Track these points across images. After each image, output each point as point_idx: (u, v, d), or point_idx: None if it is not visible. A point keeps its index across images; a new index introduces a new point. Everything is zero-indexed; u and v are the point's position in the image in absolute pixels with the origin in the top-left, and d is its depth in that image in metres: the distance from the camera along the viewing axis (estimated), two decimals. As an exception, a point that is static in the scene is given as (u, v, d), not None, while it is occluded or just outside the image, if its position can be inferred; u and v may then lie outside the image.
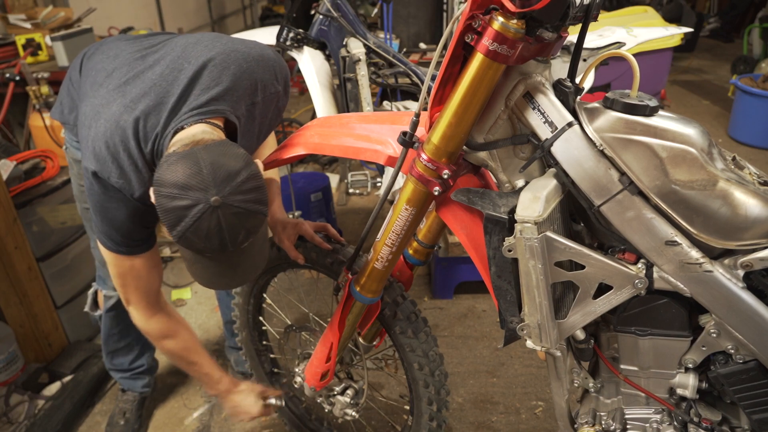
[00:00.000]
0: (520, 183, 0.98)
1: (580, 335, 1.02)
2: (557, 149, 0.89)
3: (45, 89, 2.51)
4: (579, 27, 0.90)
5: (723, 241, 0.84)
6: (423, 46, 3.47)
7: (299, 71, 2.36)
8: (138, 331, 1.41)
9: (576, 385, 1.12)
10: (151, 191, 0.97)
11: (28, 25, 3.10)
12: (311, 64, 2.29)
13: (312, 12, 2.33)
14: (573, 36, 0.99)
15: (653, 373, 1.02)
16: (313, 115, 2.94)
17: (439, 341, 1.72)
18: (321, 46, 2.36)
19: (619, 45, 2.43)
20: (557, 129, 0.89)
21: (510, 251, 0.91)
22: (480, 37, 0.83)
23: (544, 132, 0.90)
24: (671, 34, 3.13)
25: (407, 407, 1.51)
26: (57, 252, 2.16)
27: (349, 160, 3.54)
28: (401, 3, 3.45)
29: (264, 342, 1.81)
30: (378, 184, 3.60)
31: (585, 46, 0.94)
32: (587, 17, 0.86)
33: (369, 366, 1.50)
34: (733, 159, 0.91)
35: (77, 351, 2.17)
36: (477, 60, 0.86)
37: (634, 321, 0.98)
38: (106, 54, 1.31)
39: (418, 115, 1.00)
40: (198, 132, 1.06)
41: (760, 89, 4.02)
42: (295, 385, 1.55)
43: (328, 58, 2.40)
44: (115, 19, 4.32)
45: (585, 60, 2.13)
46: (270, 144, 1.56)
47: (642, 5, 4.79)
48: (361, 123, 1.21)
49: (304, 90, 5.31)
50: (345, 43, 2.27)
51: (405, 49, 3.42)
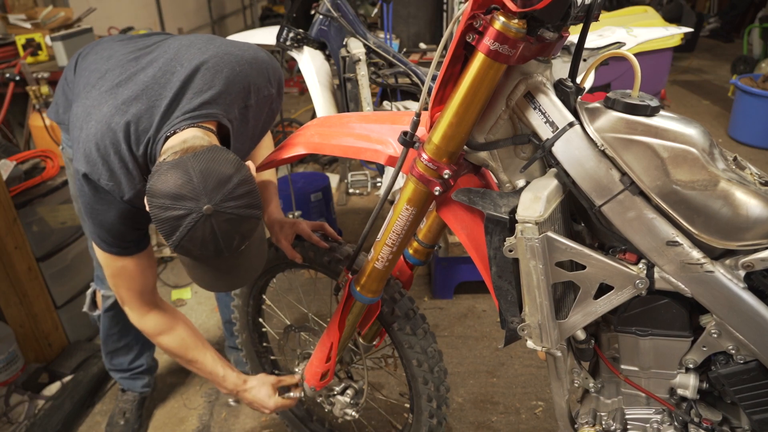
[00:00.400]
0: (520, 183, 0.98)
1: (580, 335, 1.02)
2: (558, 149, 0.89)
3: (45, 89, 2.52)
4: (580, 27, 0.90)
5: (724, 242, 0.84)
6: (423, 46, 3.47)
7: (299, 71, 2.36)
8: (137, 332, 1.41)
9: (576, 385, 1.12)
10: (146, 201, 0.97)
11: (28, 25, 3.10)
12: (311, 64, 2.29)
13: (312, 12, 2.32)
14: (573, 36, 1.00)
15: (654, 374, 1.02)
16: (313, 115, 2.94)
17: (439, 341, 1.72)
18: (321, 46, 2.36)
19: (619, 45, 2.43)
20: (558, 129, 0.88)
21: (511, 251, 0.90)
22: (481, 37, 0.83)
23: (545, 132, 0.90)
24: (671, 34, 3.13)
25: (407, 405, 1.51)
26: (57, 252, 2.16)
27: (349, 160, 3.54)
28: (401, 3, 3.45)
29: (264, 343, 1.81)
30: (378, 184, 3.60)
31: (585, 46, 0.94)
32: (588, 17, 0.86)
33: (369, 365, 1.50)
34: (734, 159, 0.91)
35: (77, 351, 2.17)
36: (478, 60, 0.86)
37: (634, 321, 0.98)
38: (99, 55, 1.31)
39: (418, 115, 1.00)
40: (189, 137, 1.05)
41: (760, 89, 4.02)
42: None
43: (328, 58, 2.40)
44: (115, 19, 4.32)
45: (585, 60, 2.12)
46: (266, 145, 1.56)
47: (642, 5, 4.79)
48: (361, 123, 1.21)
49: (304, 90, 5.31)
50: (345, 43, 2.27)
51: (405, 49, 3.42)
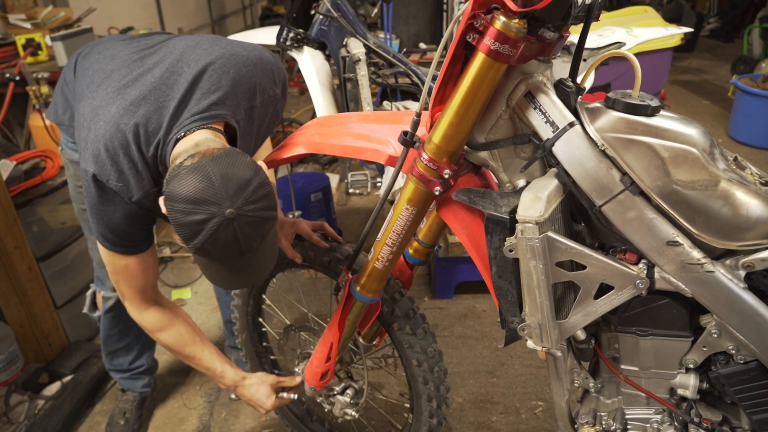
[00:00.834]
0: (521, 183, 0.98)
1: (580, 335, 1.02)
2: (558, 149, 0.89)
3: (45, 89, 2.52)
4: (580, 27, 0.90)
5: (724, 242, 0.84)
6: (423, 46, 3.47)
7: (299, 71, 2.36)
8: (137, 332, 1.41)
9: (576, 385, 1.12)
10: (162, 205, 0.98)
11: (28, 25, 3.10)
12: (311, 64, 2.29)
13: (312, 12, 2.33)
14: (573, 36, 1.00)
15: (654, 374, 1.02)
16: (313, 115, 2.94)
17: (439, 341, 1.72)
18: (321, 46, 2.36)
19: (619, 45, 2.44)
20: (559, 129, 0.88)
21: (511, 251, 0.90)
22: (482, 37, 0.83)
23: (545, 132, 0.90)
24: (671, 34, 3.13)
25: (407, 405, 1.51)
26: (57, 252, 2.16)
27: (349, 159, 3.54)
28: (401, 3, 3.45)
29: (264, 343, 1.81)
30: (378, 184, 3.60)
31: (585, 46, 0.94)
32: (589, 17, 0.86)
33: (369, 365, 1.50)
34: (735, 159, 0.91)
35: (77, 351, 2.17)
36: (478, 59, 0.86)
37: (635, 321, 0.98)
38: (102, 54, 1.31)
39: (419, 115, 1.00)
40: (202, 140, 1.06)
41: (760, 89, 4.02)
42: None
43: (328, 58, 2.40)
44: (115, 19, 4.31)
45: (585, 60, 2.12)
46: (265, 146, 1.56)
47: (642, 5, 4.79)
48: (362, 122, 1.21)
49: (304, 90, 5.31)
50: (345, 43, 2.27)
51: (405, 49, 3.41)
